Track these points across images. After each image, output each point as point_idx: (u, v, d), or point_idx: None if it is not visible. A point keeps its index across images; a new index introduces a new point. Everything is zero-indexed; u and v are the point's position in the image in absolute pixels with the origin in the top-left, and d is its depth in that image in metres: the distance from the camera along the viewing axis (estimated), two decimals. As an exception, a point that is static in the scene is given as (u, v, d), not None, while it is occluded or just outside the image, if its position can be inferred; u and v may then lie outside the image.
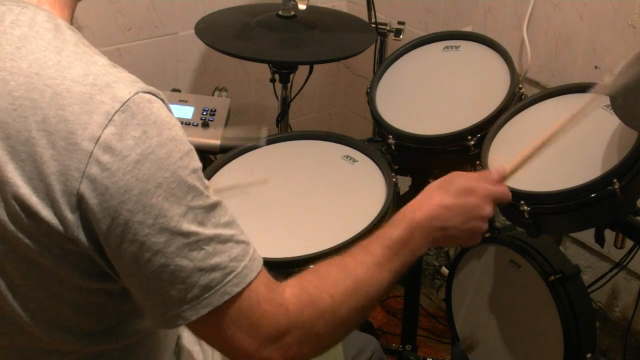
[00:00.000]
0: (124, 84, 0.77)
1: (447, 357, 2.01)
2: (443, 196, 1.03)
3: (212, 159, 1.90)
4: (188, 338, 1.07)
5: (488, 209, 1.05)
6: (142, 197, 0.74)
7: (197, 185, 0.78)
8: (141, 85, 0.78)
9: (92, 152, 0.73)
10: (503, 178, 1.11)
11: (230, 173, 1.49)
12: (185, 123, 1.85)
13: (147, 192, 0.74)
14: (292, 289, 0.86)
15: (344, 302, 0.88)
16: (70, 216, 0.75)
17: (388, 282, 0.95)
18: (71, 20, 0.88)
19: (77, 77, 0.76)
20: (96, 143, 0.73)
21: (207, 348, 1.10)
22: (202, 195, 0.78)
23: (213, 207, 0.79)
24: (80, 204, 0.74)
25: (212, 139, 1.84)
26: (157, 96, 0.79)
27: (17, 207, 0.75)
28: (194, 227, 0.77)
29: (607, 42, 1.70)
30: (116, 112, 0.74)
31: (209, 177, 1.47)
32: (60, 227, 0.75)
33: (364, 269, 0.92)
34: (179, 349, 1.05)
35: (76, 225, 0.75)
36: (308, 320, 0.85)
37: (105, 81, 0.76)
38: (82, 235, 0.76)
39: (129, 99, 0.75)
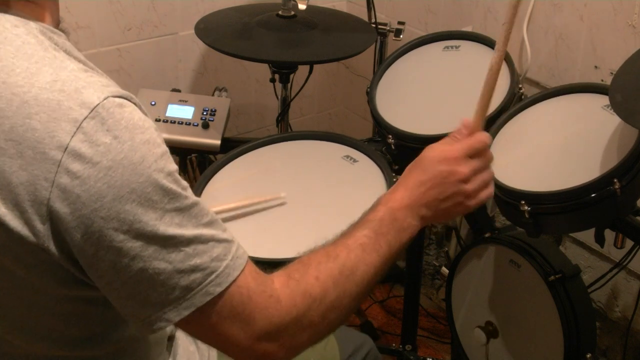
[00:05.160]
0: (94, 89, 0.75)
1: (447, 357, 2.01)
2: (417, 173, 1.02)
3: (212, 159, 1.91)
4: (183, 339, 1.06)
5: (463, 170, 1.01)
6: (116, 204, 0.73)
7: (173, 188, 0.76)
8: (112, 89, 0.76)
9: (60, 161, 0.72)
10: (472, 128, 1.06)
11: (230, 173, 1.49)
12: (185, 123, 1.85)
13: (121, 198, 0.73)
14: (279, 279, 0.86)
15: (331, 286, 0.88)
16: (41, 227, 0.73)
17: (376, 264, 0.93)
18: (57, 20, 0.85)
19: (45, 84, 0.74)
20: (65, 151, 0.72)
21: (203, 348, 1.09)
22: (179, 197, 0.77)
23: (192, 207, 0.78)
24: (50, 214, 0.73)
25: (212, 139, 1.84)
26: (129, 100, 0.77)
27: None
28: (172, 230, 0.76)
29: (607, 42, 1.70)
30: (85, 118, 0.72)
31: (209, 178, 1.47)
32: (31, 238, 0.74)
33: (347, 251, 0.92)
34: (174, 350, 1.04)
35: (46, 236, 0.74)
36: (300, 309, 0.85)
37: (74, 87, 0.74)
38: (52, 246, 0.74)
39: (98, 104, 0.73)
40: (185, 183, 0.79)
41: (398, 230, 0.98)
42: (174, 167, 0.78)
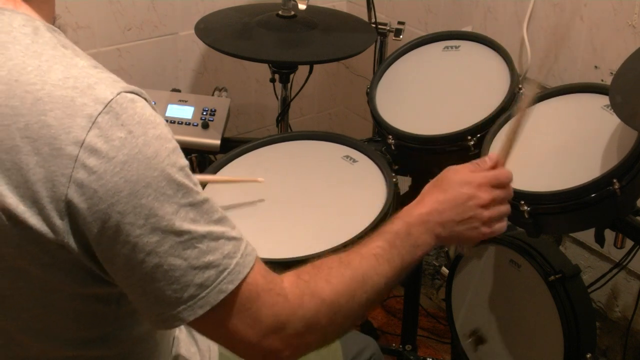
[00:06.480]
0: (106, 85, 0.75)
1: (447, 357, 2.01)
2: (437, 192, 1.03)
3: (212, 159, 1.91)
4: (185, 340, 1.07)
5: (484, 196, 1.03)
6: (132, 198, 0.73)
7: (186, 182, 0.77)
8: (123, 85, 0.77)
9: (77, 156, 0.72)
10: (496, 162, 1.08)
11: (230, 173, 1.49)
12: (185, 123, 1.85)
13: (137, 192, 0.73)
14: (289, 279, 0.86)
15: (341, 290, 0.88)
16: (59, 222, 0.74)
17: (388, 275, 0.94)
18: (53, 18, 0.86)
19: (58, 81, 0.74)
20: (81, 147, 0.72)
21: (204, 349, 1.10)
22: (191, 192, 0.77)
23: (203, 203, 0.79)
24: (69, 210, 0.73)
25: (212, 139, 1.84)
26: (139, 95, 0.78)
27: (3, 217, 0.74)
28: (186, 225, 0.76)
29: (607, 42, 1.70)
30: (99, 113, 0.73)
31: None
32: (49, 235, 0.74)
33: (360, 259, 0.92)
34: (176, 352, 1.04)
35: (66, 232, 0.74)
36: (308, 309, 0.85)
37: (87, 83, 0.75)
38: (72, 241, 0.75)
39: (112, 99, 0.74)
40: (195, 179, 0.79)
41: (412, 246, 0.98)
42: (185, 162, 0.79)
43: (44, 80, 0.74)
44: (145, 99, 0.78)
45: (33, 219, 0.74)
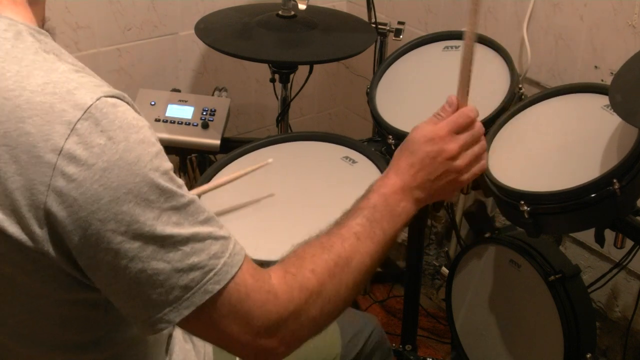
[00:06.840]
0: (86, 90, 0.74)
1: (447, 357, 2.01)
2: (406, 156, 1.03)
3: (212, 159, 1.91)
4: (179, 337, 1.06)
5: (451, 147, 1.02)
6: (113, 205, 0.72)
7: (169, 187, 0.76)
8: (105, 89, 0.75)
9: (56, 164, 0.71)
10: (457, 105, 1.07)
11: (230, 173, 1.49)
12: (185, 123, 1.85)
13: (117, 199, 0.72)
14: (276, 274, 0.86)
15: (327, 279, 0.88)
16: (39, 231, 0.73)
17: (372, 251, 0.94)
18: (42, 21, 0.85)
19: (37, 87, 0.73)
20: (59, 154, 0.71)
21: (199, 345, 1.10)
22: (175, 196, 0.76)
23: (188, 205, 0.78)
24: (48, 218, 0.72)
25: (212, 139, 1.84)
26: (121, 99, 0.76)
27: None
28: (169, 229, 0.76)
29: (607, 42, 1.70)
30: (78, 120, 0.72)
31: (209, 178, 1.47)
32: (29, 243, 0.73)
33: (341, 241, 0.92)
34: (170, 349, 1.04)
35: (45, 240, 0.73)
36: (298, 303, 0.85)
37: (66, 89, 0.73)
38: (52, 250, 0.74)
39: (91, 105, 0.73)
40: (180, 181, 0.79)
41: (392, 216, 0.98)
42: (169, 165, 0.78)
43: (23, 86, 0.73)
44: (128, 103, 0.77)
45: (12, 228, 0.73)
